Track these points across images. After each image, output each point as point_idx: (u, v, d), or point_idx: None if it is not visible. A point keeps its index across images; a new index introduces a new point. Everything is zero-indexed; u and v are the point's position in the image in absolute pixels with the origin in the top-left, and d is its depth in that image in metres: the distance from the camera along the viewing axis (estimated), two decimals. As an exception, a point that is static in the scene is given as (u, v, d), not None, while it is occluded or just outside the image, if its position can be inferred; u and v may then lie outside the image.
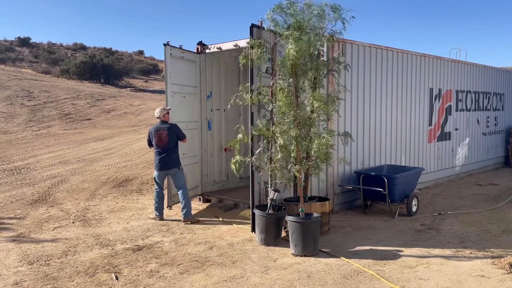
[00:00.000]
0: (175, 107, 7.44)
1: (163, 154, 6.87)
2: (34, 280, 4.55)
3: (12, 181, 9.43)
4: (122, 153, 12.59)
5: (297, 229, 5.25)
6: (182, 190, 6.95)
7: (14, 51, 39.43)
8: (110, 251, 5.48)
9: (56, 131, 16.10)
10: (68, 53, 41.92)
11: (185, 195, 6.93)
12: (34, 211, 7.44)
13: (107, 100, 22.12)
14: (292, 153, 5.60)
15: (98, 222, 6.85)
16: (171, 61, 7.48)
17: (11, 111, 17.96)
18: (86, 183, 9.48)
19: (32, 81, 24.56)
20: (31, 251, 5.47)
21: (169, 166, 6.89)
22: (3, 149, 12.62)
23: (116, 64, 35.13)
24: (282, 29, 5.60)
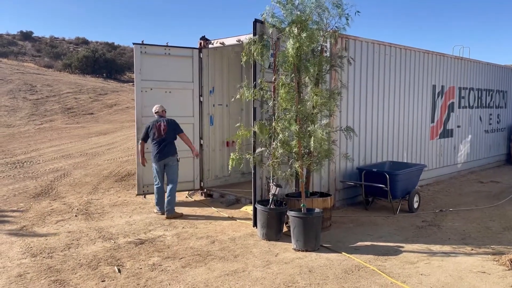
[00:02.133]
0: (152, 102, 7.57)
1: (162, 144, 6.97)
2: (37, 272, 4.59)
3: (15, 175, 9.48)
4: (124, 148, 12.63)
5: (299, 224, 5.27)
6: (172, 186, 6.99)
7: (16, 45, 39.49)
8: (113, 244, 5.52)
9: (58, 125, 16.15)
10: (70, 47, 41.97)
11: (173, 191, 6.97)
12: (37, 205, 7.48)
13: (109, 95, 22.15)
14: (293, 149, 5.61)
15: (101, 216, 6.89)
16: (143, 59, 7.74)
17: (14, 104, 18.01)
18: (88, 177, 9.52)
19: (35, 75, 24.60)
20: (34, 243, 5.51)
21: (167, 155, 6.99)
22: (6, 143, 12.67)
23: (118, 59, 35.18)
24: (283, 25, 5.61)
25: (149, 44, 7.84)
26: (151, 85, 7.83)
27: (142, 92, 7.80)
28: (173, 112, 8.00)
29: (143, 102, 7.80)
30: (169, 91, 7.98)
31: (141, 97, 7.78)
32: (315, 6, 5.55)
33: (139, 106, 7.79)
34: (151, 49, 7.83)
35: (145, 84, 7.80)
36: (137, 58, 7.74)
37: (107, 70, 31.67)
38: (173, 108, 8.00)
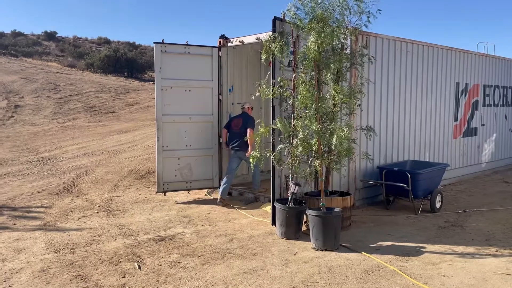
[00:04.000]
0: (172, 101, 7.87)
1: (237, 138, 7.65)
2: (60, 267, 4.68)
3: (39, 172, 9.70)
4: (145, 146, 12.78)
5: (318, 223, 5.23)
6: (232, 175, 7.79)
7: (41, 45, 40.42)
8: (133, 241, 5.59)
9: (81, 123, 16.46)
10: (93, 47, 42.70)
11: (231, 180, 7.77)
12: (60, 201, 7.63)
13: (131, 94, 22.46)
14: (313, 147, 5.57)
15: (122, 213, 6.99)
16: (163, 57, 7.84)
17: (38, 103, 18.44)
18: (110, 175, 9.67)
19: (58, 75, 25.13)
20: (57, 239, 5.62)
21: (242, 148, 7.58)
22: (31, 140, 12.99)
23: (139, 58, 35.62)
24: (304, 22, 5.57)
25: (169, 43, 7.91)
26: (171, 84, 7.90)
27: (162, 90, 7.87)
28: (193, 110, 8.08)
29: (164, 101, 7.87)
30: (188, 89, 8.05)
31: (161, 96, 7.86)
32: (338, 3, 5.48)
33: (159, 104, 7.86)
34: (171, 48, 7.90)
35: (165, 83, 7.88)
36: (158, 57, 7.82)
37: (128, 69, 32.12)
38: (192, 107, 8.08)
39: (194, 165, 8.15)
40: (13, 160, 10.49)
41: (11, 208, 7.16)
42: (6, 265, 4.74)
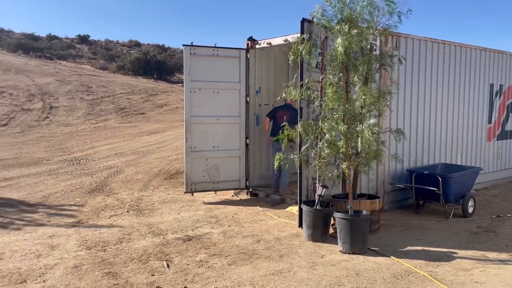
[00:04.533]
0: (200, 102, 7.96)
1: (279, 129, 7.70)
2: (92, 264, 4.82)
3: (72, 171, 10.02)
4: (173, 147, 12.99)
5: (346, 226, 5.18)
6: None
7: (74, 48, 41.74)
8: (162, 240, 5.69)
9: (112, 124, 16.89)
10: (124, 49, 43.77)
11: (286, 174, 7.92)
12: (92, 200, 7.86)
13: (160, 95, 22.88)
14: (341, 149, 5.53)
15: (151, 212, 7.13)
16: (192, 60, 7.94)
17: (72, 105, 19.04)
18: (139, 175, 9.88)
19: (91, 77, 25.88)
20: (89, 237, 5.79)
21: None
22: (65, 141, 13.42)
23: (169, 61, 36.23)
24: (331, 23, 5.54)
25: (198, 46, 8.02)
26: (199, 86, 8.02)
27: (191, 92, 7.99)
28: (220, 111, 8.17)
29: (192, 102, 8.00)
30: (216, 91, 8.14)
31: (190, 97, 7.98)
32: (366, 4, 5.43)
33: (188, 106, 7.99)
34: (200, 50, 8.00)
35: (194, 85, 7.99)
36: (187, 59, 7.94)
37: (157, 71, 32.73)
38: (220, 108, 8.17)
39: (221, 166, 8.24)
40: (48, 159, 10.87)
41: (46, 205, 7.42)
42: (41, 261, 4.92)
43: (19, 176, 9.24)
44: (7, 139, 13.16)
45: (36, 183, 8.85)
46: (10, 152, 11.32)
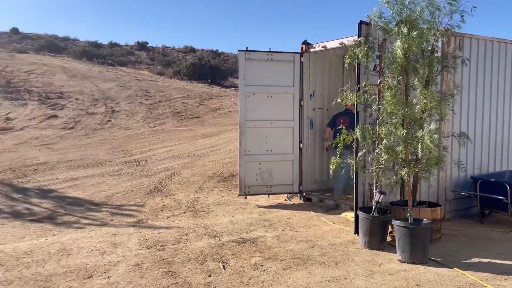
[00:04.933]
0: (255, 106, 8.04)
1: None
2: (152, 263, 5.01)
3: (132, 172, 10.48)
4: (227, 150, 13.21)
5: (405, 234, 5.00)
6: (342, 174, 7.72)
7: (134, 55, 43.73)
8: (218, 241, 5.80)
9: (169, 127, 17.49)
10: (179, 55, 45.23)
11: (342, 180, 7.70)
12: (151, 200, 8.17)
13: (214, 99, 23.37)
14: (399, 155, 5.35)
15: (206, 214, 7.29)
16: (246, 64, 8.02)
17: (132, 109, 19.94)
18: (195, 177, 10.15)
19: (149, 82, 26.97)
20: (149, 236, 6.02)
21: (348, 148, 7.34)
22: (125, 143, 14.08)
23: (222, 65, 36.94)
24: (390, 25, 5.39)
25: (252, 50, 8.12)
26: (254, 90, 8.10)
27: (245, 96, 8.10)
28: (274, 115, 8.21)
29: (247, 106, 8.10)
30: (270, 95, 8.20)
31: (244, 102, 8.09)
32: (427, 4, 5.23)
33: (242, 110, 8.10)
34: (254, 55, 8.10)
35: (248, 89, 8.09)
36: (242, 64, 8.06)
37: (211, 76, 33.47)
38: (273, 112, 8.21)
39: (274, 170, 8.27)
40: (110, 161, 11.45)
41: (108, 205, 7.82)
42: (105, 257, 5.19)
43: (84, 176, 9.82)
44: (73, 141, 14.03)
45: (100, 183, 9.35)
46: (76, 154, 12.06)
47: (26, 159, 11.03)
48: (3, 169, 9.95)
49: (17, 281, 4.49)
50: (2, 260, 5.08)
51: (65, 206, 7.65)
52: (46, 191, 8.62)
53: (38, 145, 12.97)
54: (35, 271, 4.77)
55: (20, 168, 10.18)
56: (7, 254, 5.26)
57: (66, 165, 10.74)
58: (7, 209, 7.42)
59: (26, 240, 5.86)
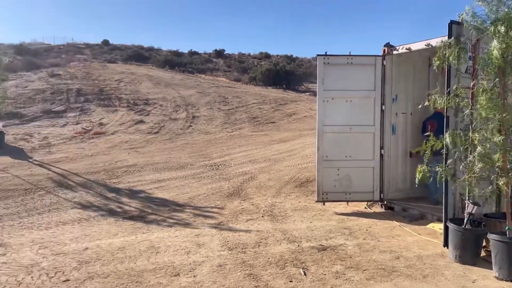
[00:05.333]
0: (333, 111, 7.92)
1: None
2: (234, 264, 5.14)
3: (212, 175, 10.85)
4: (303, 155, 13.17)
5: (503, 249, 4.60)
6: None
7: (212, 62, 45.44)
8: (297, 247, 5.79)
9: (245, 132, 17.88)
10: (255, 61, 46.13)
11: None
12: (230, 203, 8.39)
13: (289, 105, 23.47)
14: (496, 163, 4.94)
15: (284, 219, 7.32)
16: (325, 69, 7.90)
17: (211, 114, 20.71)
18: (271, 181, 10.24)
19: (227, 88, 27.83)
20: (230, 238, 6.19)
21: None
22: (205, 147, 14.64)
23: (297, 70, 36.99)
24: (485, 24, 5.02)
25: (332, 55, 8.03)
26: (332, 95, 8.00)
27: (324, 101, 8.02)
28: (353, 120, 8.03)
29: (325, 111, 8.02)
30: (350, 100, 8.03)
31: (323, 107, 8.01)
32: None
33: (321, 115, 8.03)
34: (333, 60, 8.00)
35: (327, 94, 8.01)
36: (320, 69, 8.00)
37: (286, 81, 33.67)
38: (353, 117, 8.02)
39: (353, 177, 8.07)
40: (192, 164, 11.97)
41: (191, 206, 8.18)
42: (190, 257, 5.42)
43: (169, 178, 10.36)
44: (158, 145, 14.90)
45: (183, 185, 9.81)
46: (161, 157, 12.78)
47: (117, 161, 11.93)
48: (98, 170, 10.85)
49: (113, 275, 4.85)
50: (99, 254, 5.53)
51: (152, 206, 8.14)
52: (135, 191, 9.24)
53: (128, 149, 13.96)
54: (128, 266, 5.12)
55: (112, 169, 11.03)
56: (103, 249, 5.72)
57: (152, 167, 11.43)
58: (102, 207, 8.07)
59: (119, 236, 6.33)
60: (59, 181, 9.81)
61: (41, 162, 11.63)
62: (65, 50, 41.56)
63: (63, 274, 4.88)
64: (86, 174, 10.43)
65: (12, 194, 8.69)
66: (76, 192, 9.01)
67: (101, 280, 4.72)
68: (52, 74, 25.21)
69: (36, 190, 9.02)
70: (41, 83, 22.99)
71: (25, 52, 35.88)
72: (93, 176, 10.33)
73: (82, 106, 19.85)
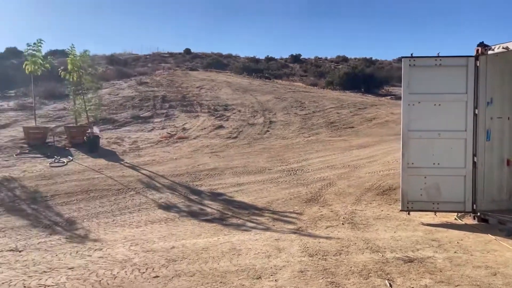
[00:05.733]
0: (419, 116, 7.54)
1: None
2: (315, 271, 5.08)
3: (289, 180, 10.86)
4: (384, 161, 12.67)
5: None
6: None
7: (288, 67, 45.60)
8: (381, 257, 5.57)
9: (323, 137, 17.65)
10: (331, 65, 45.48)
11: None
12: (308, 209, 8.32)
13: (368, 109, 22.76)
14: None
15: (366, 227, 7.08)
16: (411, 72, 7.54)
17: (287, 119, 20.76)
18: (351, 188, 9.98)
19: (303, 93, 27.75)
20: (310, 244, 6.13)
21: None
22: (282, 152, 14.70)
23: (377, 73, 35.79)
24: None
25: (418, 57, 7.66)
26: (419, 99, 7.62)
27: (409, 105, 7.67)
28: (442, 125, 7.58)
29: (410, 116, 7.66)
30: (438, 103, 7.60)
31: (408, 111, 7.66)
32: None
33: (405, 120, 7.68)
34: (420, 62, 7.63)
35: (412, 98, 7.65)
36: (406, 72, 7.66)
37: (365, 85, 32.70)
38: (441, 122, 7.58)
39: (442, 185, 7.59)
40: (270, 169, 12.08)
41: (270, 210, 8.25)
42: (271, 261, 5.46)
43: (248, 182, 10.56)
44: (237, 149, 15.26)
45: (261, 189, 9.93)
46: (240, 161, 13.07)
47: (199, 165, 12.42)
48: (181, 173, 11.40)
49: (198, 274, 5.05)
50: (185, 253, 5.79)
51: (232, 209, 8.35)
52: (216, 194, 9.55)
53: (208, 153, 14.48)
54: (212, 266, 5.30)
55: (194, 172, 11.51)
56: (188, 249, 5.98)
57: (232, 171, 11.73)
58: (186, 208, 8.46)
59: (202, 237, 6.57)
60: (147, 182, 10.47)
61: (131, 164, 12.50)
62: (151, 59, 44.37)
63: (153, 271, 5.18)
64: (171, 176, 11.00)
65: (106, 193, 9.43)
66: (162, 193, 9.54)
67: (188, 278, 4.93)
68: (140, 82, 27.03)
69: (127, 190, 9.71)
70: (130, 90, 24.76)
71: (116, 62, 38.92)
72: (178, 178, 10.86)
73: (167, 112, 21.00)
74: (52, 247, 6.22)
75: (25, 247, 6.22)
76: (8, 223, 7.47)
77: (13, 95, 24.18)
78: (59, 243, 6.42)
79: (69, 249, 6.09)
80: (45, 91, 22.01)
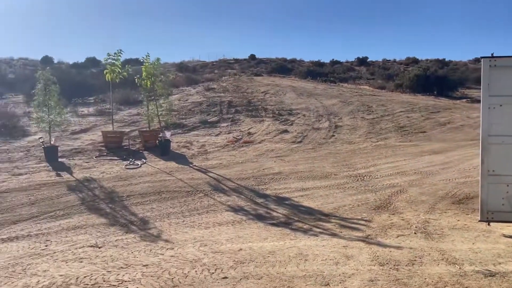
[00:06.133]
0: (502, 120, 7.02)
1: None
2: (386, 281, 4.89)
3: (357, 186, 10.57)
4: (460, 168, 11.93)
5: None
6: None
7: (354, 71, 44.63)
8: (458, 270, 5.23)
9: (392, 142, 17.02)
10: (401, 68, 43.77)
11: None
12: (377, 216, 8.04)
13: (442, 113, 21.59)
14: None
15: (440, 237, 6.69)
16: (491, 73, 7.03)
17: (354, 123, 20.30)
18: (424, 196, 9.50)
19: (370, 97, 26.98)
20: (380, 253, 5.91)
21: None
22: (349, 157, 14.38)
23: (451, 75, 33.85)
24: None
25: (499, 56, 7.13)
26: (501, 101, 7.09)
27: (489, 109, 7.16)
28: None
29: (491, 120, 7.14)
30: None
31: (488, 114, 7.15)
32: None
33: (485, 124, 7.18)
34: (502, 62, 7.09)
35: (493, 100, 7.13)
36: (485, 73, 7.17)
37: (438, 87, 31.05)
38: None
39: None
40: (336, 174, 11.86)
41: (336, 217, 8.08)
42: (339, 268, 5.34)
43: (313, 187, 10.45)
44: (302, 154, 15.18)
45: (327, 195, 9.77)
46: (305, 166, 12.98)
47: (264, 169, 12.53)
48: (247, 177, 11.56)
49: (265, 277, 5.07)
50: (252, 256, 5.85)
51: (298, 214, 8.30)
52: (281, 198, 9.55)
53: (273, 157, 14.56)
54: (279, 270, 5.29)
55: (260, 176, 11.62)
56: (255, 252, 6.03)
57: (297, 176, 11.68)
58: (252, 211, 8.55)
59: (268, 241, 6.60)
60: (214, 185, 10.74)
61: (199, 167, 12.91)
62: (218, 66, 45.69)
63: (222, 272, 5.30)
64: (237, 180, 11.20)
65: (176, 195, 9.82)
66: (229, 196, 9.74)
67: (255, 281, 4.97)
68: (208, 88, 27.91)
69: (196, 192, 10.04)
70: (198, 96, 25.64)
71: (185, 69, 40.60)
72: (244, 182, 11.03)
73: (233, 116, 21.45)
74: (128, 244, 6.59)
75: (104, 243, 6.65)
76: (89, 220, 8.04)
77: (92, 101, 26.14)
78: (134, 241, 6.78)
79: (143, 247, 6.41)
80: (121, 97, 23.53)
